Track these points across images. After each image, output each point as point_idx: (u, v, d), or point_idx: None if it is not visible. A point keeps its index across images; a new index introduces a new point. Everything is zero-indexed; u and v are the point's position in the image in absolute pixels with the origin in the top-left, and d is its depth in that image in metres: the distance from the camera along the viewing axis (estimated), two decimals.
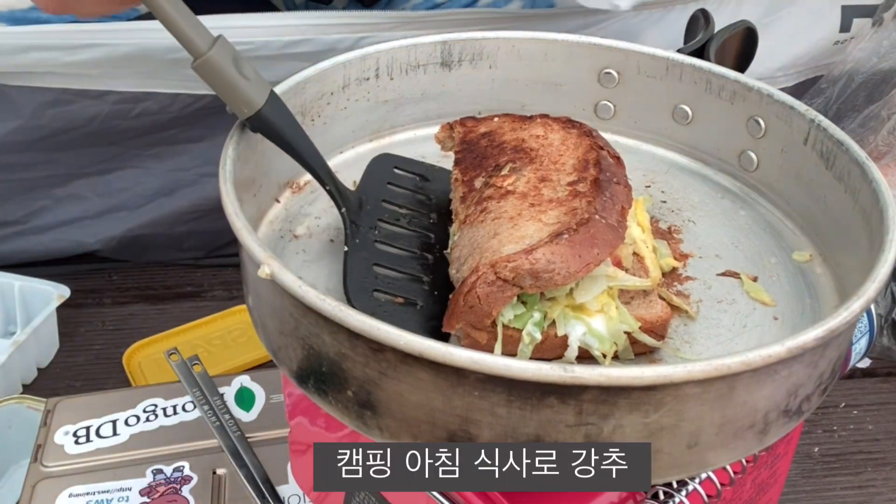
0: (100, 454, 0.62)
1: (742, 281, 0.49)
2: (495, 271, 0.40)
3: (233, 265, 0.87)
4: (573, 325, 0.42)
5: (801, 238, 0.53)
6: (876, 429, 0.74)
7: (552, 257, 0.39)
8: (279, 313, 0.41)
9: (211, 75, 0.45)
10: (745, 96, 0.55)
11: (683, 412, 0.37)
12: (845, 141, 0.50)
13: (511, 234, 0.42)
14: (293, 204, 0.52)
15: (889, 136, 0.76)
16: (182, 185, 0.83)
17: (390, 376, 0.37)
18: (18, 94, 0.76)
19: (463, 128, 0.53)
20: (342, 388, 0.39)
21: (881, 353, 0.79)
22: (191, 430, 0.64)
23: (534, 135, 0.51)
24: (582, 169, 0.47)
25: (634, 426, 0.36)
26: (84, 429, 0.64)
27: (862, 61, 0.82)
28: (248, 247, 0.40)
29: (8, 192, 0.81)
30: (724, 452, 0.40)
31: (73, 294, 0.77)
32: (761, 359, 0.36)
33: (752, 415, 0.39)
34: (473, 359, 0.34)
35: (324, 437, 0.53)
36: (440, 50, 0.57)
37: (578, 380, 0.34)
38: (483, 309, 0.40)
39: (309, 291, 0.37)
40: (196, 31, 0.44)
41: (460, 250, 0.44)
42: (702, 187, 0.57)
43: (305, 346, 0.40)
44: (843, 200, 0.49)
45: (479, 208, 0.45)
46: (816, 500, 0.69)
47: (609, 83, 0.60)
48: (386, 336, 0.35)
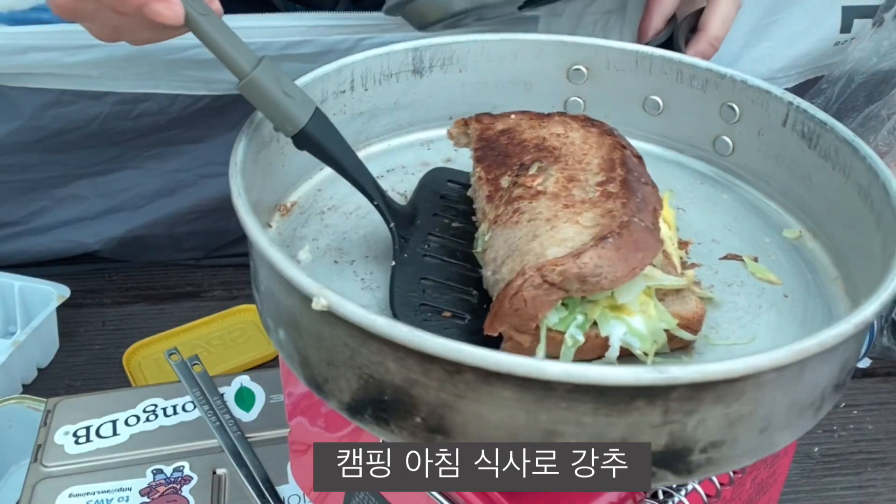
0: (100, 454, 0.62)
1: (745, 263, 0.50)
2: (542, 275, 0.40)
3: (233, 265, 0.87)
4: (614, 325, 0.42)
5: (785, 216, 0.55)
6: (876, 429, 0.74)
7: (599, 261, 0.40)
8: (329, 344, 0.39)
9: (255, 95, 0.45)
10: (718, 83, 0.56)
11: (761, 399, 0.37)
12: (828, 121, 0.51)
13: (551, 236, 0.42)
14: (285, 228, 0.51)
15: (889, 136, 0.76)
16: (182, 185, 0.83)
17: (469, 398, 0.36)
18: (18, 95, 0.76)
19: (479, 124, 0.52)
20: (409, 414, 0.38)
21: (881, 353, 0.80)
22: (191, 430, 0.64)
23: (554, 133, 0.51)
24: (609, 169, 0.47)
25: (716, 419, 0.37)
26: (84, 429, 0.64)
27: (862, 61, 0.82)
28: (295, 280, 0.38)
29: (8, 192, 0.81)
30: (789, 432, 0.41)
31: (73, 294, 0.77)
32: (833, 338, 0.37)
33: (814, 393, 0.40)
34: (568, 371, 0.34)
35: (324, 437, 0.53)
36: (412, 57, 0.57)
37: (673, 380, 0.34)
38: (529, 312, 0.40)
39: (377, 319, 0.36)
40: (240, 52, 0.45)
41: (495, 251, 0.44)
42: (680, 175, 0.58)
43: (363, 376, 0.38)
44: (831, 177, 0.51)
45: (510, 208, 0.45)
46: (816, 500, 0.69)
47: (578, 79, 0.60)
48: (470, 357, 0.34)
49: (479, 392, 0.36)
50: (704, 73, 0.57)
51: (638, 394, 0.35)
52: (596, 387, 0.35)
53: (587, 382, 0.34)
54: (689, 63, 0.57)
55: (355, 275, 0.48)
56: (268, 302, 0.44)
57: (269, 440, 0.64)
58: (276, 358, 0.76)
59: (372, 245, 0.50)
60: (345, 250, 0.50)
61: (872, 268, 0.46)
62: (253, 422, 0.65)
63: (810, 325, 0.47)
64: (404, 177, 0.56)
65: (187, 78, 0.76)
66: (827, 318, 0.47)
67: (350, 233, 0.51)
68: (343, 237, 0.51)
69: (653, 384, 0.34)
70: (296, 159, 0.52)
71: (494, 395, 0.36)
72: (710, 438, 0.37)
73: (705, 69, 0.57)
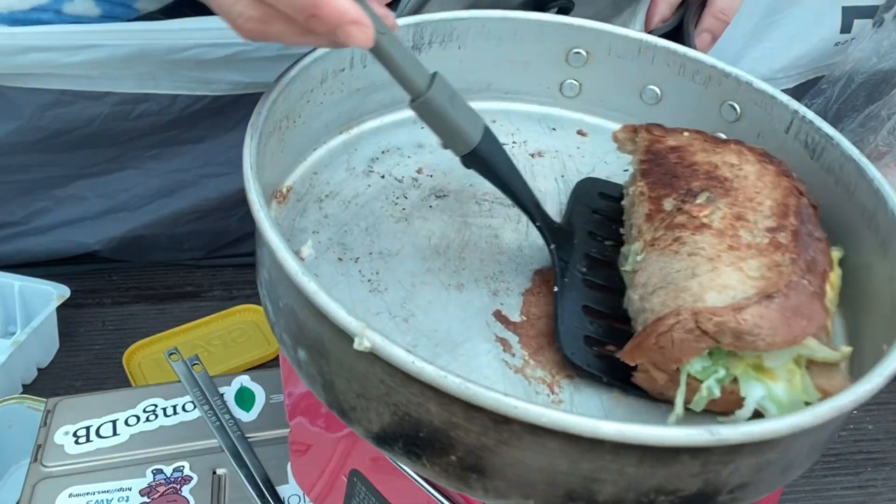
0: (100, 454, 0.62)
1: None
2: (697, 321, 0.38)
3: (233, 265, 0.87)
4: (753, 386, 0.40)
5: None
6: (876, 429, 0.74)
7: (760, 321, 0.38)
8: (363, 378, 0.38)
9: (429, 115, 0.44)
10: (721, 81, 0.56)
11: (790, 446, 0.38)
12: (835, 136, 0.51)
13: (712, 279, 0.41)
14: (284, 218, 0.51)
15: (889, 136, 0.76)
16: (182, 185, 0.83)
17: (512, 445, 0.36)
18: (18, 96, 0.76)
19: (649, 135, 0.51)
20: (444, 453, 0.37)
21: None
22: (191, 430, 0.64)
23: (727, 162, 0.48)
24: (781, 215, 0.45)
25: (748, 466, 0.37)
26: (84, 429, 0.64)
27: (862, 61, 0.82)
28: (336, 316, 0.36)
29: (8, 193, 0.81)
30: (804, 466, 0.41)
31: (73, 294, 0.77)
32: (867, 394, 0.37)
33: (832, 434, 0.41)
34: (622, 432, 0.34)
35: (324, 436, 0.53)
36: (412, 33, 0.56)
37: (724, 441, 0.34)
38: (673, 354, 0.39)
39: (426, 367, 0.35)
40: (415, 71, 0.44)
41: (647, 276, 0.43)
42: None
43: (398, 413, 0.37)
44: (833, 191, 0.50)
45: (670, 235, 0.44)
46: (816, 500, 0.68)
47: (577, 62, 0.60)
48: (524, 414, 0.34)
49: (524, 441, 0.35)
50: (709, 70, 0.56)
51: (685, 451, 0.35)
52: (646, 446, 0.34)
53: (641, 443, 0.34)
54: (693, 58, 0.57)
55: (361, 275, 0.47)
56: (287, 319, 0.42)
57: (269, 440, 0.64)
58: (276, 358, 0.76)
59: (375, 240, 0.50)
60: (348, 245, 0.49)
61: (874, 295, 0.46)
62: (253, 422, 0.65)
63: None
64: (400, 160, 0.55)
65: (187, 78, 0.76)
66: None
67: (351, 224, 0.50)
68: (344, 230, 0.50)
69: (704, 445, 0.34)
70: (292, 142, 0.52)
71: (539, 445, 0.35)
72: (738, 482, 0.38)
73: (710, 66, 0.56)
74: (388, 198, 0.53)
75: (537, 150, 0.58)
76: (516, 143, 0.58)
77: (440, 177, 0.55)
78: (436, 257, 0.49)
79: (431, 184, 0.54)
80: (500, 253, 0.50)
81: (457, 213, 0.52)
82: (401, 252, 0.49)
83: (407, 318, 0.45)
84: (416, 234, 0.50)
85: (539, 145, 0.58)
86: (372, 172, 0.54)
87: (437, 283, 0.47)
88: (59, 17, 0.76)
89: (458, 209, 0.52)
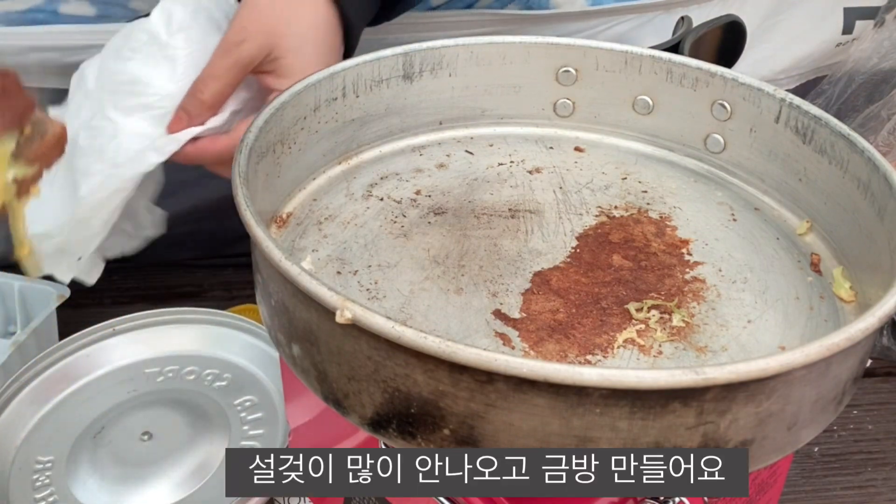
0: None
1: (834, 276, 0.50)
2: None
3: (233, 265, 0.87)
4: None
5: (781, 211, 0.55)
6: (876, 429, 0.74)
7: None
8: (350, 358, 0.39)
9: None
10: (709, 82, 0.56)
11: (790, 396, 0.38)
12: (822, 116, 0.52)
13: None
14: (283, 240, 0.51)
15: (889, 136, 0.76)
16: (182, 185, 0.83)
17: (500, 407, 0.36)
18: None
19: None
20: (437, 427, 0.38)
21: (881, 353, 0.80)
22: None
23: None
24: None
25: (747, 418, 0.37)
26: None
27: (862, 61, 0.82)
28: (316, 292, 0.37)
29: None
30: (813, 427, 0.41)
31: (73, 294, 0.77)
32: (861, 332, 0.37)
33: (838, 387, 0.40)
34: (604, 376, 0.34)
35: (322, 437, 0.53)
36: (402, 62, 0.57)
37: (710, 381, 0.34)
38: None
39: (406, 331, 0.35)
40: None
41: None
42: (674, 173, 0.59)
43: (388, 390, 0.38)
44: (828, 171, 0.51)
45: None
46: (816, 500, 0.69)
47: (567, 81, 0.60)
48: (504, 366, 0.34)
49: (511, 401, 0.36)
50: (694, 72, 0.57)
51: (674, 396, 0.35)
52: (632, 391, 0.35)
53: (624, 387, 0.34)
54: (679, 62, 0.57)
55: (360, 285, 0.48)
56: (280, 317, 0.43)
57: None
58: None
59: (374, 254, 0.50)
60: (346, 260, 0.49)
61: (876, 259, 0.47)
62: None
63: (816, 319, 0.47)
64: (398, 183, 0.56)
65: None
66: (832, 311, 0.48)
67: (350, 242, 0.51)
68: (343, 247, 0.50)
69: (690, 386, 0.34)
70: (290, 169, 0.53)
71: (527, 404, 0.35)
72: (741, 437, 0.38)
73: (696, 67, 0.57)
74: (387, 217, 0.53)
75: (535, 166, 0.58)
76: (514, 162, 0.58)
77: (439, 196, 0.55)
78: (434, 266, 0.49)
79: (430, 203, 0.54)
80: (500, 259, 0.50)
81: (455, 227, 0.52)
82: (399, 263, 0.49)
83: (405, 320, 0.45)
84: (416, 248, 0.50)
85: (537, 162, 0.58)
86: (371, 196, 0.54)
87: (436, 288, 0.47)
88: (55, 17, 0.76)
89: (456, 223, 0.53)
